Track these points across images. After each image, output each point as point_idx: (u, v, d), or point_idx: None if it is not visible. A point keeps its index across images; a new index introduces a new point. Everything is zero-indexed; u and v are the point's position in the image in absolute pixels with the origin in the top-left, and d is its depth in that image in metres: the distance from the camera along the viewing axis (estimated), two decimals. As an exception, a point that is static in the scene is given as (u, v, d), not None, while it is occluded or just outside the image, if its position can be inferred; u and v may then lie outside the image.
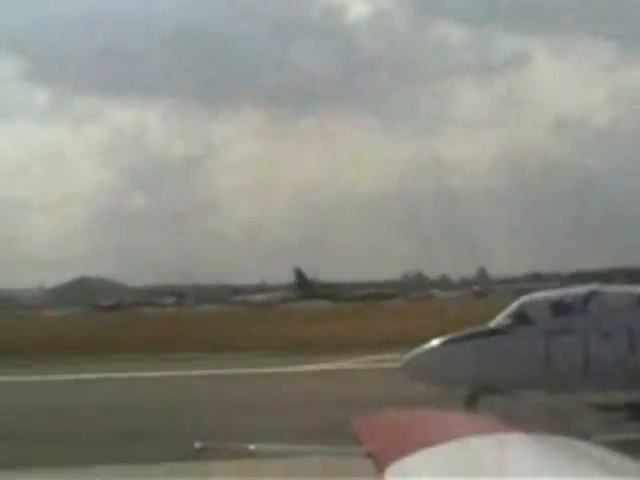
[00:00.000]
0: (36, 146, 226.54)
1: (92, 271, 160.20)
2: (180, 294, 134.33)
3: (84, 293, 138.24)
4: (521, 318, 15.00)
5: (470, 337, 15.27)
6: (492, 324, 15.27)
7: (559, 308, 15.04)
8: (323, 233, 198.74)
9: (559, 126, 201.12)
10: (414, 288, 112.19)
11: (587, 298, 15.04)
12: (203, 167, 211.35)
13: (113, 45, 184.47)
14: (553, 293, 16.28)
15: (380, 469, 3.60)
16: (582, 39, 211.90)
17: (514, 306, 15.33)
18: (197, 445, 5.15)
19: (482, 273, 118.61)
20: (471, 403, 14.65)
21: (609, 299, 15.24)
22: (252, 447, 5.24)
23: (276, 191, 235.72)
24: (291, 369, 25.74)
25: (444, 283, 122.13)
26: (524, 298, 15.64)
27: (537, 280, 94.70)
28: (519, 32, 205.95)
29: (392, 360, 18.24)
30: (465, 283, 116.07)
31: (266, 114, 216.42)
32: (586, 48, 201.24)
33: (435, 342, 15.26)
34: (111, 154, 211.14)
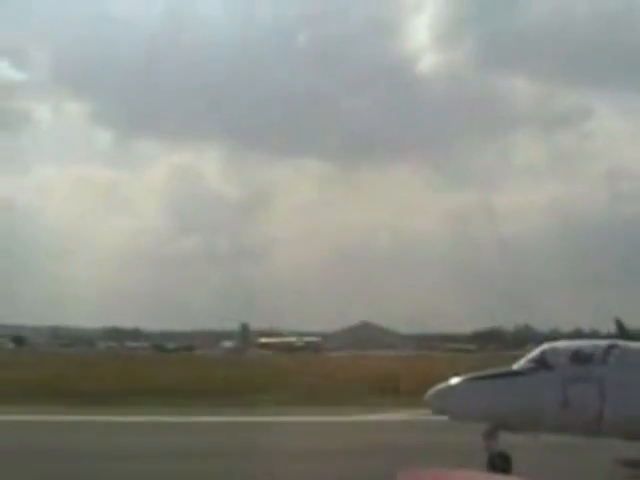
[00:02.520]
0: (97, 188, 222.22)
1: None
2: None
3: (365, 337, 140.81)
4: (542, 363, 15.85)
5: (492, 376, 16.18)
6: (515, 367, 16.16)
7: (579, 357, 15.82)
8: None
9: (617, 179, 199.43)
10: None
11: (606, 351, 15.84)
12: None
13: (175, 88, 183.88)
14: (574, 343, 17.05)
15: None
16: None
17: (537, 352, 16.18)
18: None
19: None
20: (491, 437, 15.54)
21: (627, 354, 15.99)
22: None
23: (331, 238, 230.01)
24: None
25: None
26: (546, 345, 16.49)
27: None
28: (584, 86, 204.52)
29: None
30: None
31: (326, 162, 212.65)
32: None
33: (458, 379, 16.17)
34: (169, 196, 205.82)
